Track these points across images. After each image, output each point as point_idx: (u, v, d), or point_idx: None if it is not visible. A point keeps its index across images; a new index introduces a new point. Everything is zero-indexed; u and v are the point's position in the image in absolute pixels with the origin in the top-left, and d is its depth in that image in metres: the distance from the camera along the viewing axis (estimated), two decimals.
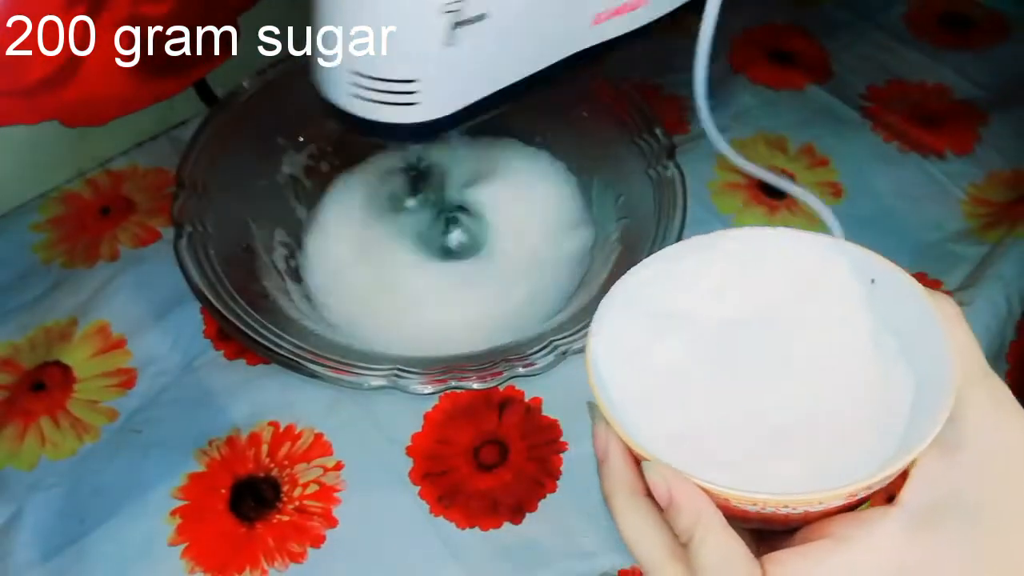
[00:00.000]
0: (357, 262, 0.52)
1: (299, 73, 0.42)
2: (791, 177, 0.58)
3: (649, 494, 0.28)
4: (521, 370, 0.42)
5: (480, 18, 0.37)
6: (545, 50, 0.42)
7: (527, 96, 0.43)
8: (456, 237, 0.53)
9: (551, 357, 0.42)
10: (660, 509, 0.28)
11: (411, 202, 0.53)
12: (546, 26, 0.40)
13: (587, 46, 0.43)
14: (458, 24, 0.36)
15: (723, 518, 0.27)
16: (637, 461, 0.29)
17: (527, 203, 0.54)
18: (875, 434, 0.29)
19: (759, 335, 0.33)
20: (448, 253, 0.52)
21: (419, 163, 0.52)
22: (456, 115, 0.41)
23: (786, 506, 0.27)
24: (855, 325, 0.32)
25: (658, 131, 0.51)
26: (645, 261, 0.33)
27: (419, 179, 0.53)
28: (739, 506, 0.27)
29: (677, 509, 0.27)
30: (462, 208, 0.53)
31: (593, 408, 0.30)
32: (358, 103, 0.39)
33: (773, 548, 0.27)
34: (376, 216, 0.54)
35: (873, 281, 0.32)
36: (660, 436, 0.29)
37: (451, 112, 0.40)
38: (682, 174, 0.49)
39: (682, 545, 0.27)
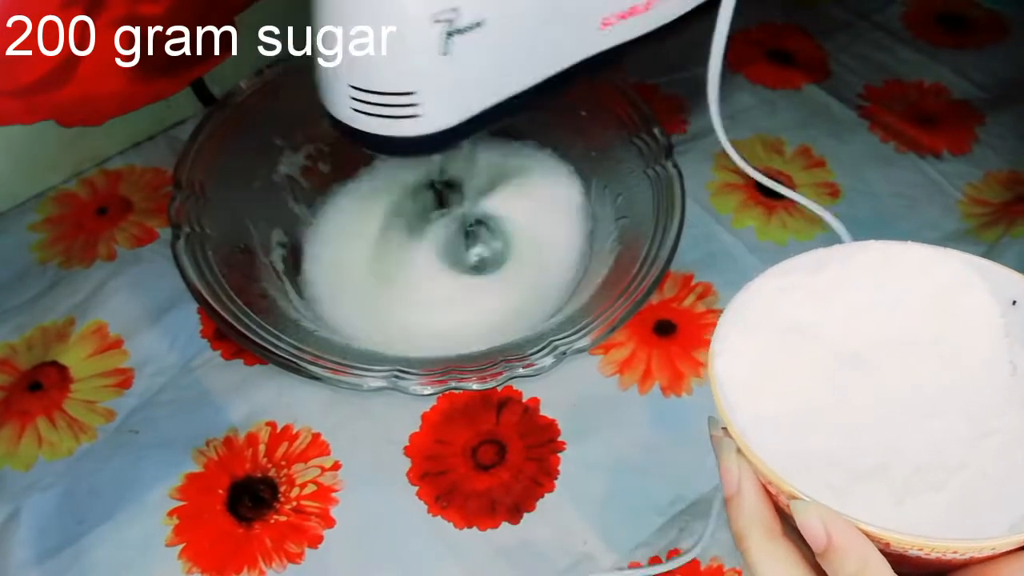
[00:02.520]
0: (360, 268, 0.52)
1: (297, 73, 0.42)
2: (787, 179, 0.58)
3: (787, 533, 0.27)
4: (521, 370, 0.42)
5: (477, 26, 0.36)
6: (551, 57, 0.40)
7: (541, 103, 0.41)
8: (478, 253, 0.53)
9: (551, 357, 0.42)
10: (800, 550, 0.26)
11: (437, 215, 0.53)
12: (550, 32, 0.39)
13: (596, 52, 0.41)
14: (453, 33, 0.35)
15: (888, 564, 0.25)
16: (769, 495, 0.27)
17: (530, 205, 0.54)
18: (1021, 466, 0.27)
19: (893, 359, 0.30)
20: (471, 269, 0.52)
21: (440, 175, 0.51)
22: (462, 126, 0.39)
23: (954, 551, 0.24)
24: (993, 348, 0.30)
25: (656, 131, 0.51)
26: (767, 272, 0.31)
27: (443, 193, 0.52)
28: (898, 549, 0.25)
29: (841, 554, 0.25)
30: (481, 222, 0.53)
31: (721, 438, 0.28)
32: (360, 117, 0.38)
33: None
34: (381, 223, 0.53)
35: (1015, 302, 0.30)
36: (795, 470, 0.26)
37: (455, 123, 0.39)
38: (680, 174, 0.49)
39: None
